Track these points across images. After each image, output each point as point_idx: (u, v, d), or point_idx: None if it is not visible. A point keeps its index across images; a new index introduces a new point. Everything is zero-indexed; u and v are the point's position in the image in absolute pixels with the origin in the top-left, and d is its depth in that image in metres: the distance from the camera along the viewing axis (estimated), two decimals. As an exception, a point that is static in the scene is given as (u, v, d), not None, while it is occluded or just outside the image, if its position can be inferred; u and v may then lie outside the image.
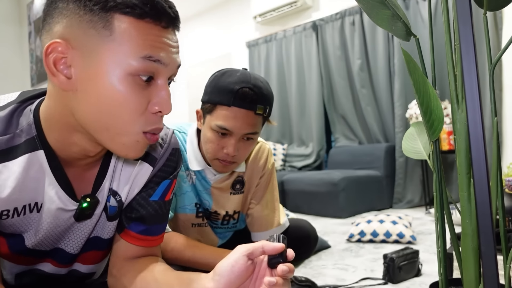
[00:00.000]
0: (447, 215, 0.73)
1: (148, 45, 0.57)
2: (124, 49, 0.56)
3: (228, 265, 0.56)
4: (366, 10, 0.73)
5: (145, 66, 0.57)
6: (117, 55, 0.56)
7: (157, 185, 0.78)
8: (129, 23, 0.56)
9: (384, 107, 3.82)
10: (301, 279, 1.62)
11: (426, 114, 0.68)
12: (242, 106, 1.01)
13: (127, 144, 0.60)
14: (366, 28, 3.90)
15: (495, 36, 3.08)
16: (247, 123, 1.03)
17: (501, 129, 3.12)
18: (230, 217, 1.22)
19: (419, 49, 0.73)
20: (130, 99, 0.57)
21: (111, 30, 0.55)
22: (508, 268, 0.64)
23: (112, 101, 0.57)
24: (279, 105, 4.69)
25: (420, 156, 0.80)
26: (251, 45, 4.96)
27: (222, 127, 1.02)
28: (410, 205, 3.58)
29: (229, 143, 1.03)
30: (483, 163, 0.59)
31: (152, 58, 0.57)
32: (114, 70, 0.56)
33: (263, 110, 1.05)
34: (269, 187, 1.25)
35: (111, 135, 0.59)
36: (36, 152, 0.63)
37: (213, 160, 1.08)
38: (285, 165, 4.46)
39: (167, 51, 0.59)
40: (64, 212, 0.70)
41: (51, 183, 0.66)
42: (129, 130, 0.59)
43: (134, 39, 0.56)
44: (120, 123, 0.58)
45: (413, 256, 1.71)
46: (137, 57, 0.56)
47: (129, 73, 0.56)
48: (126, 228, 0.77)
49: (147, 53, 0.56)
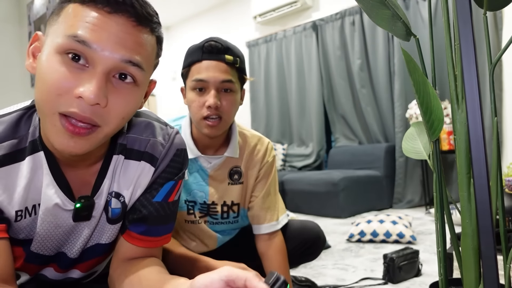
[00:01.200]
0: (447, 215, 0.74)
1: (78, 25, 0.55)
2: (60, 28, 0.57)
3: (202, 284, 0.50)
4: (366, 10, 0.73)
5: (69, 44, 0.55)
6: (52, 35, 0.58)
7: (161, 186, 0.77)
8: (74, 7, 0.57)
9: (384, 107, 3.82)
10: (301, 279, 1.62)
11: (426, 114, 0.68)
12: (211, 57, 1.10)
13: (49, 128, 0.58)
14: (366, 28, 3.90)
15: (495, 36, 3.08)
16: (219, 70, 1.09)
17: (501, 129, 3.12)
18: (228, 208, 1.22)
19: (419, 49, 0.73)
20: (51, 75, 0.55)
21: (59, 15, 0.59)
22: (508, 268, 0.64)
23: (39, 78, 0.57)
24: (279, 105, 4.69)
25: (420, 156, 0.80)
26: (251, 45, 4.96)
27: (197, 79, 1.09)
28: (410, 205, 3.58)
29: (209, 95, 1.08)
30: (483, 163, 0.59)
31: (77, 38, 0.55)
32: (47, 48, 0.58)
33: (232, 60, 1.12)
34: (269, 180, 1.25)
35: (42, 119, 0.59)
36: (37, 153, 0.66)
37: (199, 122, 1.09)
38: (285, 165, 4.46)
39: (101, 34, 0.55)
40: (62, 211, 0.70)
41: (49, 183, 0.67)
42: (47, 110, 0.56)
43: (69, 20, 0.57)
44: (42, 102, 0.56)
45: (413, 256, 1.71)
46: (63, 35, 0.56)
47: (56, 51, 0.56)
48: (128, 229, 0.77)
49: (73, 32, 0.55)
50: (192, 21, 5.71)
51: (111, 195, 0.74)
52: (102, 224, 0.77)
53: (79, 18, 0.56)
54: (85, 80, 0.55)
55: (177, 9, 5.47)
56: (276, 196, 1.27)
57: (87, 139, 0.58)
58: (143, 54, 0.60)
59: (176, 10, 5.50)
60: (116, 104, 0.59)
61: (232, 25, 5.17)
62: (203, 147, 1.17)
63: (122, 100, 0.59)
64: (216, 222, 1.23)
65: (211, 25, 5.43)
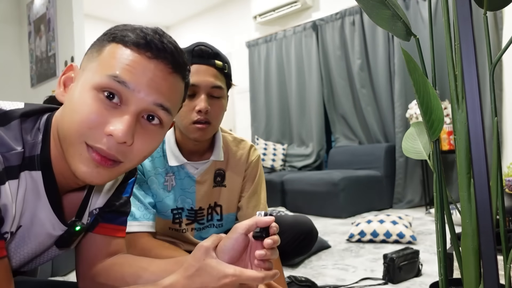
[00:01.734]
0: (447, 215, 0.73)
1: (119, 66, 0.58)
2: (99, 67, 0.59)
3: (229, 244, 0.63)
4: (366, 10, 0.73)
5: (108, 83, 0.58)
6: (92, 71, 0.60)
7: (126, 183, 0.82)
8: (115, 47, 0.60)
9: (384, 107, 3.82)
10: (301, 279, 1.62)
11: (426, 114, 0.68)
12: (201, 62, 1.08)
13: (74, 156, 0.59)
14: (366, 28, 3.90)
15: (495, 36, 3.08)
16: (209, 75, 1.08)
17: (501, 129, 3.12)
18: (212, 210, 1.23)
19: (419, 49, 0.72)
20: (85, 109, 0.57)
21: (99, 53, 0.60)
22: (508, 268, 0.64)
23: (72, 109, 0.58)
24: (279, 105, 4.69)
25: (420, 156, 0.80)
26: (251, 45, 4.95)
27: None
28: (410, 205, 3.58)
29: (199, 100, 1.07)
30: (483, 163, 0.59)
31: (117, 78, 0.57)
32: (84, 83, 0.59)
33: (222, 65, 1.10)
34: (256, 179, 1.27)
35: (66, 145, 0.59)
36: (33, 172, 0.62)
37: (188, 126, 1.09)
38: (285, 165, 4.46)
39: (140, 77, 0.58)
40: (49, 237, 0.69)
41: (44, 207, 0.64)
42: (74, 139, 0.58)
43: (111, 60, 0.59)
44: (71, 130, 0.58)
45: (413, 256, 1.71)
46: (104, 74, 0.58)
47: (93, 87, 0.58)
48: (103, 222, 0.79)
49: (113, 72, 0.58)
50: (192, 21, 5.71)
51: (91, 214, 0.76)
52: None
53: (120, 59, 0.59)
54: (116, 119, 0.58)
55: (177, 9, 5.47)
56: (263, 194, 1.28)
57: (110, 171, 0.60)
58: (173, 100, 0.63)
59: (176, 10, 5.50)
60: (141, 144, 0.61)
61: (232, 25, 5.17)
62: (189, 153, 1.17)
63: (148, 140, 0.62)
64: (202, 227, 1.24)
65: (211, 25, 5.43)
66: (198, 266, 0.61)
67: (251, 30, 4.98)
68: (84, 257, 0.80)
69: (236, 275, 0.60)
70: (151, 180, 1.14)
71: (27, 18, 4.84)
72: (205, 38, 5.45)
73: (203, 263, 0.61)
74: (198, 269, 0.61)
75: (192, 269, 0.62)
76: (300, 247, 1.37)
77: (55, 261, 1.86)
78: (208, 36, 5.42)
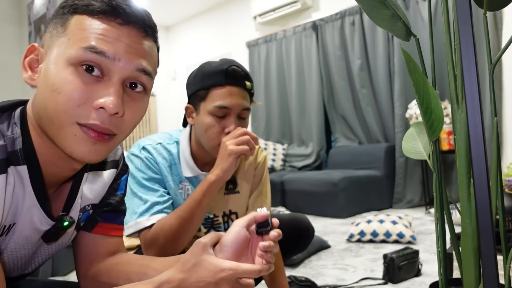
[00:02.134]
0: (447, 215, 0.74)
1: (93, 37, 0.57)
2: (70, 41, 0.57)
3: (232, 237, 0.64)
4: (366, 10, 0.73)
5: (86, 56, 0.56)
6: (62, 46, 0.57)
7: (119, 180, 0.82)
8: (82, 19, 0.58)
9: (384, 107, 3.82)
10: (301, 279, 1.62)
11: (426, 114, 0.68)
12: (234, 83, 1.07)
13: (68, 138, 0.58)
14: (366, 28, 3.90)
15: (495, 36, 3.08)
16: (242, 97, 1.08)
17: (501, 129, 3.12)
18: (228, 218, 1.23)
19: (419, 49, 0.73)
20: (67, 87, 0.56)
21: (65, 27, 0.58)
22: (508, 268, 0.64)
23: (52, 90, 0.56)
24: (279, 105, 4.69)
25: (420, 156, 0.80)
26: (251, 45, 4.96)
27: (221, 106, 1.06)
28: (410, 205, 3.58)
29: (230, 122, 1.07)
30: (483, 163, 0.59)
31: (93, 49, 0.56)
32: (58, 60, 0.57)
33: (251, 86, 1.11)
34: (262, 179, 1.28)
35: (55, 129, 0.58)
36: (18, 167, 0.60)
37: (216, 147, 1.09)
38: (285, 165, 4.46)
39: (116, 45, 0.57)
40: (36, 232, 0.68)
41: (30, 202, 0.63)
42: (64, 121, 0.57)
43: (81, 32, 0.57)
44: (58, 112, 0.56)
45: (413, 256, 1.71)
46: (78, 47, 0.56)
47: (70, 63, 0.56)
48: (102, 222, 0.79)
49: (89, 44, 0.56)
50: (192, 21, 5.71)
51: (83, 209, 0.75)
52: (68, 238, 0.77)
53: (91, 30, 0.57)
54: (102, 91, 0.57)
55: (177, 9, 5.47)
56: (268, 195, 1.29)
57: (107, 145, 0.60)
58: (152, 63, 0.63)
59: (176, 10, 5.50)
60: (131, 113, 0.61)
61: (232, 25, 5.17)
62: (202, 164, 1.17)
63: (136, 108, 0.62)
64: None
65: (211, 25, 5.43)
66: (195, 261, 0.62)
67: (251, 30, 4.98)
68: (84, 257, 0.80)
69: (232, 269, 0.60)
70: (169, 185, 1.15)
71: (27, 18, 4.84)
72: (205, 38, 5.45)
73: (200, 258, 0.62)
74: (195, 264, 0.62)
75: (189, 264, 0.62)
76: (297, 244, 1.38)
77: (55, 261, 1.86)
78: (208, 36, 5.42)
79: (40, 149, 0.62)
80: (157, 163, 1.12)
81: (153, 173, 1.11)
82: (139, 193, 1.08)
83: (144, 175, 1.10)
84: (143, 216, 1.05)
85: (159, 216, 1.06)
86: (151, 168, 1.11)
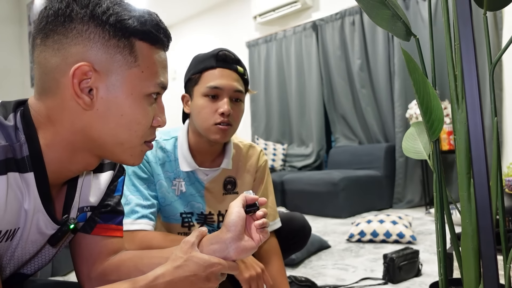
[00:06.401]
0: (447, 215, 0.74)
1: (161, 72, 0.66)
2: (146, 75, 0.64)
3: (235, 217, 0.70)
4: (366, 10, 0.73)
5: (157, 90, 0.66)
6: (138, 79, 0.63)
7: (116, 182, 0.84)
8: (147, 49, 0.64)
9: (384, 107, 3.82)
10: (301, 279, 1.62)
11: (426, 114, 0.68)
12: (225, 66, 1.12)
13: (135, 154, 0.67)
14: (366, 28, 3.90)
15: (495, 36, 3.08)
16: (232, 79, 1.12)
17: (501, 129, 3.12)
18: (222, 217, 1.24)
19: (419, 49, 0.73)
20: (146, 116, 0.65)
21: (135, 57, 0.63)
22: (508, 268, 0.64)
23: (133, 119, 0.64)
24: (279, 105, 4.68)
25: (420, 156, 0.80)
26: (251, 45, 4.95)
27: (212, 86, 1.10)
28: (410, 205, 3.58)
29: (222, 102, 1.10)
30: (483, 163, 0.59)
31: (162, 84, 0.66)
32: (136, 92, 0.63)
33: (243, 71, 1.15)
34: (264, 182, 1.29)
35: (124, 148, 0.66)
36: (24, 174, 0.60)
37: (210, 128, 1.11)
38: (285, 165, 4.46)
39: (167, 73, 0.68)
40: (41, 236, 0.69)
41: (36, 207, 0.63)
42: (138, 142, 0.67)
43: (153, 66, 0.65)
44: (134, 137, 0.65)
45: (413, 256, 1.71)
46: (155, 83, 0.65)
47: (146, 95, 0.65)
48: (101, 223, 0.80)
49: (161, 81, 0.66)
50: (192, 21, 5.70)
51: (81, 210, 0.75)
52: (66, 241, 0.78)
53: (159, 64, 0.66)
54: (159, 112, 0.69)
55: (177, 9, 5.47)
56: (271, 197, 1.30)
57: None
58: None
59: (176, 10, 5.50)
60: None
61: (232, 25, 5.17)
62: (200, 159, 1.19)
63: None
64: (212, 230, 1.25)
65: (211, 25, 5.42)
66: (186, 257, 0.67)
67: (251, 30, 4.97)
68: (86, 258, 0.80)
69: (221, 264, 0.68)
70: (160, 183, 1.16)
71: (27, 18, 4.84)
72: (205, 38, 5.44)
73: (190, 255, 0.68)
74: (186, 260, 0.67)
75: (180, 260, 0.67)
76: (294, 242, 1.39)
77: (55, 261, 1.86)
78: (208, 36, 5.42)
79: (49, 153, 0.63)
80: (149, 162, 1.15)
81: (142, 172, 1.13)
82: (125, 190, 1.10)
83: (132, 174, 1.12)
84: (127, 218, 1.07)
85: (143, 221, 1.08)
86: (141, 167, 1.13)
